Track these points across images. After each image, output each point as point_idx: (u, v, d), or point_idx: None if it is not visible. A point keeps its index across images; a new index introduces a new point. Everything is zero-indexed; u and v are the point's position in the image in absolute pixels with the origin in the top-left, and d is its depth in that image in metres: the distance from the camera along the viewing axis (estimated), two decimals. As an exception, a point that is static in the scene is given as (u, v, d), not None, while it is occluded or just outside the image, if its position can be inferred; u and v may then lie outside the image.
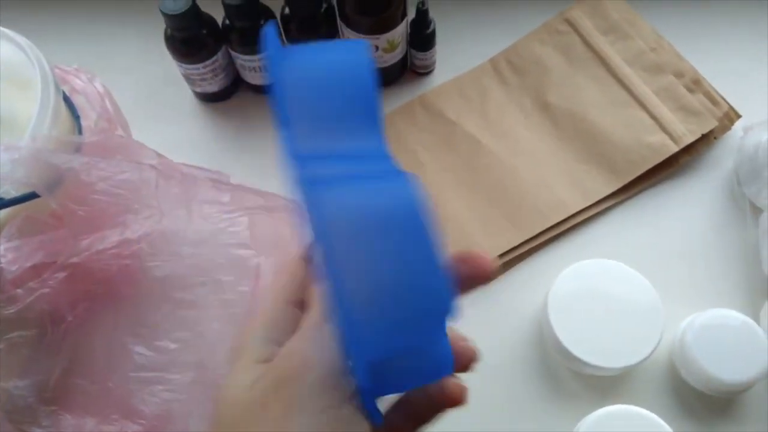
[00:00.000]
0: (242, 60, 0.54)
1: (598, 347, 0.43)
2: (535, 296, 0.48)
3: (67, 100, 0.43)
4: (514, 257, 0.50)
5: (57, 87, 0.39)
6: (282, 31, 0.54)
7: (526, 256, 0.51)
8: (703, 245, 0.50)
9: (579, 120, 0.54)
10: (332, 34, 0.54)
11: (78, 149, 0.39)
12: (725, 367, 0.42)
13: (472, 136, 0.55)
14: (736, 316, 0.44)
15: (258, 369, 0.23)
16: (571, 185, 0.52)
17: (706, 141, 0.53)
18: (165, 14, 0.50)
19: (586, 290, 0.45)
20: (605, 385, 0.46)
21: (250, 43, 0.52)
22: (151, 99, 0.59)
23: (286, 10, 0.52)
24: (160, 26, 0.52)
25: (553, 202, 0.51)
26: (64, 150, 0.38)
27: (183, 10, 0.49)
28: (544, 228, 0.50)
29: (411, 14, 0.54)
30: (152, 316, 0.38)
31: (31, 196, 0.36)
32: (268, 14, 0.52)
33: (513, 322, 0.49)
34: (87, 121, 0.43)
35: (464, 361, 0.25)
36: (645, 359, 0.43)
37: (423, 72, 0.59)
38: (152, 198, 0.37)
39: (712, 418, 0.45)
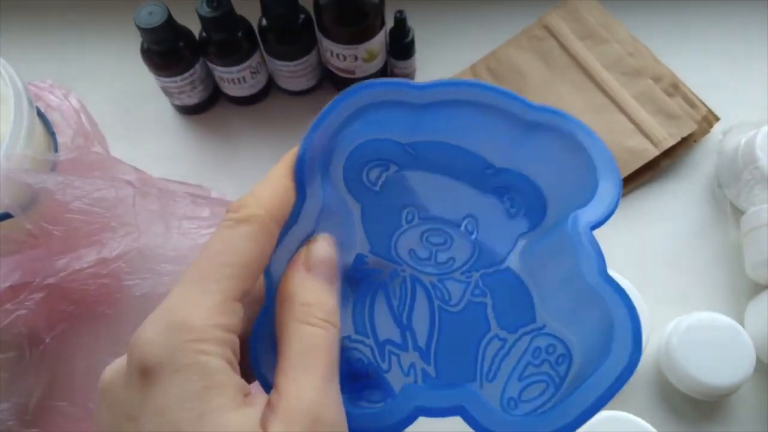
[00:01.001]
0: (220, 72, 0.53)
1: (584, 353, 0.43)
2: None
3: (41, 116, 0.42)
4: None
5: (31, 104, 0.39)
6: (260, 42, 0.53)
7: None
8: (686, 248, 0.51)
9: (560, 125, 0.54)
10: (311, 45, 0.53)
11: (54, 167, 0.38)
12: (711, 370, 0.43)
13: (454, 143, 0.55)
14: (720, 319, 0.44)
15: (249, 412, 0.19)
16: (553, 191, 0.52)
17: (685, 144, 0.53)
18: (140, 28, 0.49)
19: (571, 296, 0.45)
20: (592, 391, 0.46)
21: (228, 55, 0.52)
22: (129, 113, 0.59)
23: (264, 22, 0.52)
24: (136, 39, 0.52)
25: (536, 209, 0.51)
26: (39, 168, 0.37)
27: (158, 24, 0.49)
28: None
29: (389, 23, 0.54)
30: (132, 334, 0.37)
31: (5, 216, 0.36)
32: (246, 25, 0.52)
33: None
34: (63, 138, 0.42)
35: None
36: (631, 364, 0.43)
37: (403, 80, 0.59)
38: (129, 215, 0.36)
39: (699, 421, 0.45)
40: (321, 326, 0.21)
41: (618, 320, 0.22)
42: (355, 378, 0.25)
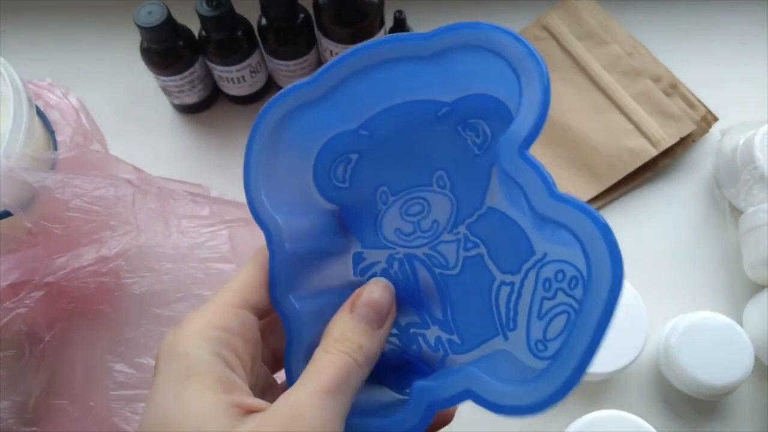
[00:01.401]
0: (220, 71, 0.53)
1: (583, 353, 0.43)
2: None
3: (41, 115, 0.42)
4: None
5: (30, 102, 0.39)
6: (259, 42, 0.53)
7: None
8: (685, 248, 0.51)
9: (559, 126, 0.54)
10: (310, 44, 0.53)
11: (53, 166, 0.38)
12: (710, 370, 0.43)
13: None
14: (719, 319, 0.44)
15: (221, 398, 0.20)
16: (552, 191, 0.52)
17: (684, 144, 0.53)
18: (140, 27, 0.49)
19: (570, 296, 0.45)
20: (592, 390, 0.46)
21: (228, 54, 0.52)
22: (128, 112, 0.59)
23: (263, 21, 0.52)
24: (135, 38, 0.52)
25: (535, 208, 0.51)
26: (38, 167, 0.37)
27: (158, 23, 0.49)
28: (526, 234, 0.50)
29: (389, 23, 0.54)
30: (131, 333, 0.37)
31: (5, 214, 0.36)
32: (245, 25, 0.52)
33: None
34: (62, 137, 0.42)
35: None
36: (629, 364, 0.43)
37: (403, 80, 0.59)
38: (129, 214, 0.36)
39: (698, 421, 0.45)
40: (337, 354, 0.22)
41: (587, 238, 0.20)
42: (397, 369, 0.26)
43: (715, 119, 0.54)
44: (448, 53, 0.23)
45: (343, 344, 0.22)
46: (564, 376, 0.19)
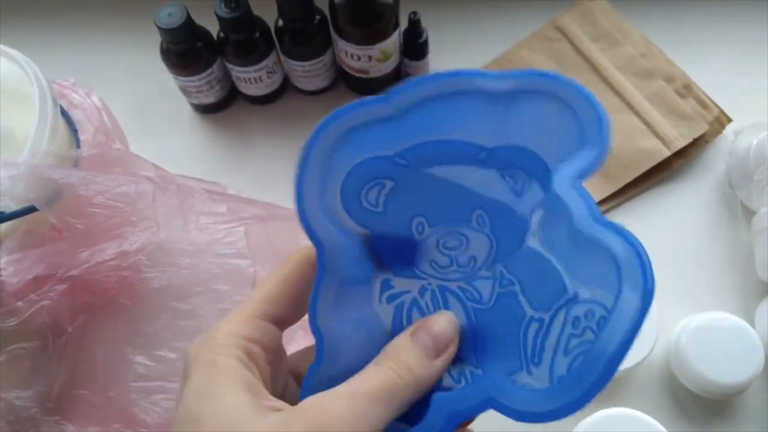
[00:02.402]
0: (237, 72, 0.54)
1: (593, 351, 0.43)
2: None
3: (64, 114, 0.43)
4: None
5: (55, 102, 0.40)
6: (276, 43, 0.54)
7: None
8: (697, 248, 0.51)
9: (572, 126, 0.54)
10: (326, 45, 0.54)
11: (76, 163, 0.40)
12: (720, 370, 0.43)
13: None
14: (730, 319, 0.44)
15: (245, 397, 0.22)
16: (564, 190, 0.52)
17: (698, 145, 0.53)
18: (160, 28, 0.50)
19: (581, 294, 0.45)
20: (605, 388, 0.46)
21: (245, 55, 0.53)
22: (148, 111, 0.60)
23: (280, 23, 0.53)
24: (155, 39, 0.53)
25: (548, 208, 0.52)
26: (62, 164, 0.38)
27: (178, 24, 0.50)
28: (538, 233, 0.51)
29: (404, 24, 0.55)
30: (151, 326, 0.38)
31: (30, 210, 0.37)
32: (262, 26, 0.53)
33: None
34: (85, 135, 0.43)
35: None
36: (640, 362, 0.43)
37: (417, 80, 0.60)
38: (149, 210, 0.38)
39: (708, 420, 0.45)
40: (384, 368, 0.23)
41: (621, 256, 0.21)
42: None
43: (729, 120, 0.54)
44: (517, 97, 0.23)
45: (394, 361, 0.23)
46: (588, 382, 0.20)
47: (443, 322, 0.25)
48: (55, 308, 0.38)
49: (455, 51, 0.61)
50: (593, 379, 0.20)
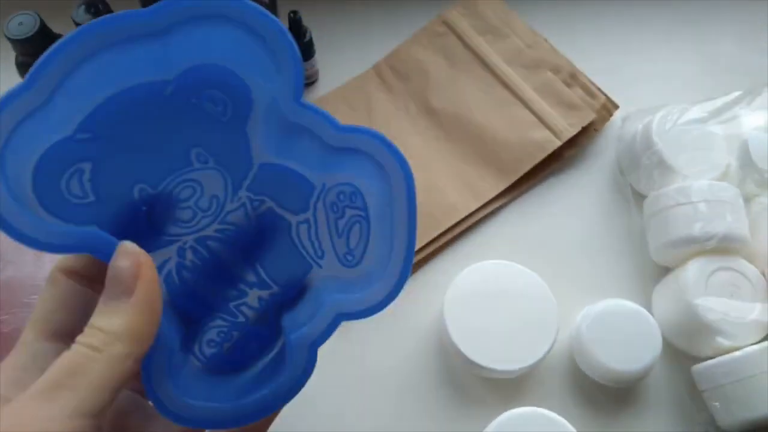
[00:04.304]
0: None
1: (497, 351, 0.43)
2: (432, 305, 0.47)
3: None
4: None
5: None
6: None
7: (423, 264, 0.50)
8: (593, 236, 0.51)
9: (464, 122, 0.54)
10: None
11: None
12: (620, 357, 0.43)
13: (360, 145, 0.53)
14: (627, 305, 0.45)
15: None
16: (461, 188, 0.51)
17: (587, 133, 0.54)
18: (11, 39, 0.45)
19: (481, 294, 0.44)
20: (510, 387, 0.45)
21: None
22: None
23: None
24: (9, 52, 0.48)
25: (446, 206, 0.51)
26: None
27: (30, 34, 0.45)
28: (438, 233, 0.50)
29: (285, 25, 0.52)
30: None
31: None
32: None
33: (413, 333, 0.48)
34: None
35: None
36: (542, 358, 0.42)
37: (306, 82, 0.57)
38: (-6, 244, 0.33)
39: (614, 409, 0.45)
40: (70, 350, 0.20)
41: (375, 151, 0.24)
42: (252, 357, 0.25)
43: (616, 107, 0.55)
44: (174, 29, 0.23)
45: (82, 336, 0.20)
46: (402, 255, 0.24)
47: (115, 257, 0.21)
48: None
49: (344, 50, 0.59)
50: (404, 252, 0.24)
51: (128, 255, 0.21)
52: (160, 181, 0.24)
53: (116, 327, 0.20)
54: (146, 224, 0.24)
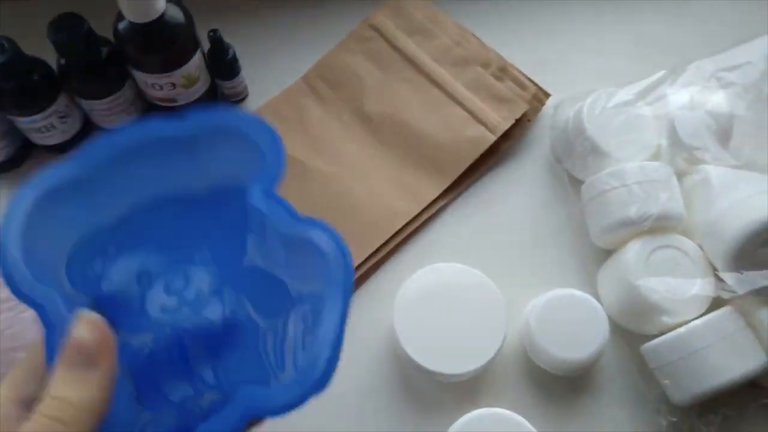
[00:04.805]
0: (22, 122, 0.48)
1: (448, 355, 0.43)
2: (383, 313, 0.47)
3: None
4: (359, 276, 0.49)
5: None
6: (64, 83, 0.48)
7: (370, 273, 0.50)
8: (536, 228, 0.52)
9: (399, 125, 0.53)
10: (122, 78, 0.49)
11: None
12: (570, 346, 0.43)
13: (296, 159, 0.52)
14: (571, 293, 0.45)
15: None
16: (402, 192, 0.51)
17: (521, 125, 0.54)
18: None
19: (429, 299, 0.44)
20: (467, 388, 0.45)
21: (27, 104, 0.47)
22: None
23: (62, 61, 0.47)
24: None
25: (388, 213, 0.50)
26: None
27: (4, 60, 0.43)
28: (382, 242, 0.49)
29: (206, 44, 0.51)
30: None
31: None
32: (42, 67, 0.47)
33: (366, 342, 0.47)
34: None
35: None
36: (494, 357, 0.43)
37: (235, 100, 0.56)
38: None
39: (569, 398, 0.46)
40: (33, 420, 0.20)
41: (323, 245, 0.22)
42: None
43: (547, 96, 0.55)
44: (201, 138, 0.24)
45: (45, 404, 0.20)
46: (326, 356, 0.21)
47: (81, 329, 0.21)
48: None
49: (270, 63, 0.58)
50: (327, 356, 0.21)
51: (93, 326, 0.21)
52: (162, 270, 0.26)
53: (85, 400, 0.20)
54: (138, 306, 0.25)
